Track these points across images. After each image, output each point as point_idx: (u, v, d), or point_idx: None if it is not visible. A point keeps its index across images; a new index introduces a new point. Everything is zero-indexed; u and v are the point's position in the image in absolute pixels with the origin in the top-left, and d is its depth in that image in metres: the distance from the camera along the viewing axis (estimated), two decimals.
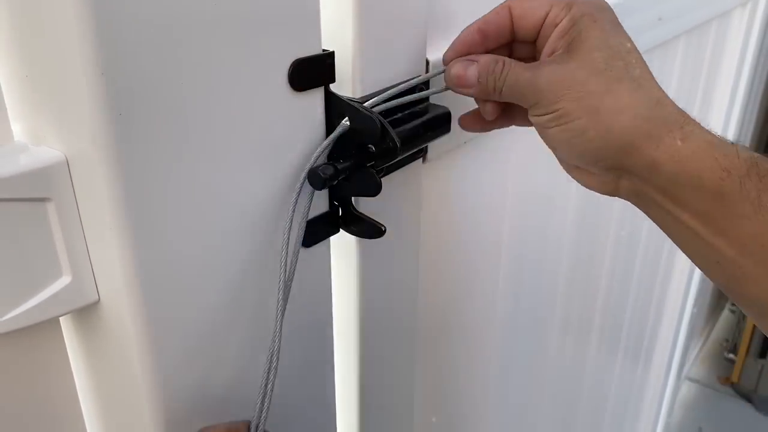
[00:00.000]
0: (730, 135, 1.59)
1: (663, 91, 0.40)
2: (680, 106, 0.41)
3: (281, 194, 0.39)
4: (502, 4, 0.43)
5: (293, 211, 0.38)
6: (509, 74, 0.40)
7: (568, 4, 0.40)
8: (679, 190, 0.38)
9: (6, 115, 0.32)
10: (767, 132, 2.45)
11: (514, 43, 0.44)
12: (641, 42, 0.38)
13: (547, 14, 0.41)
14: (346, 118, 0.39)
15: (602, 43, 0.39)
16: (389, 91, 0.42)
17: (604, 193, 0.42)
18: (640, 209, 0.42)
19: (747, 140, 1.89)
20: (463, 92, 0.42)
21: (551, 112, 0.39)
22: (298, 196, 0.38)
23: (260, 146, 0.36)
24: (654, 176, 0.38)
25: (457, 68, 0.42)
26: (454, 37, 0.43)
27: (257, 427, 0.36)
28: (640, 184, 0.39)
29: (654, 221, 0.42)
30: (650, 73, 0.40)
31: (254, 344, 0.40)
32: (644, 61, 0.40)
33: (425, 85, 0.48)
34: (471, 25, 0.43)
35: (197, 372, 0.37)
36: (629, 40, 0.41)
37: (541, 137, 0.42)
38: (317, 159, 0.39)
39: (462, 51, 0.43)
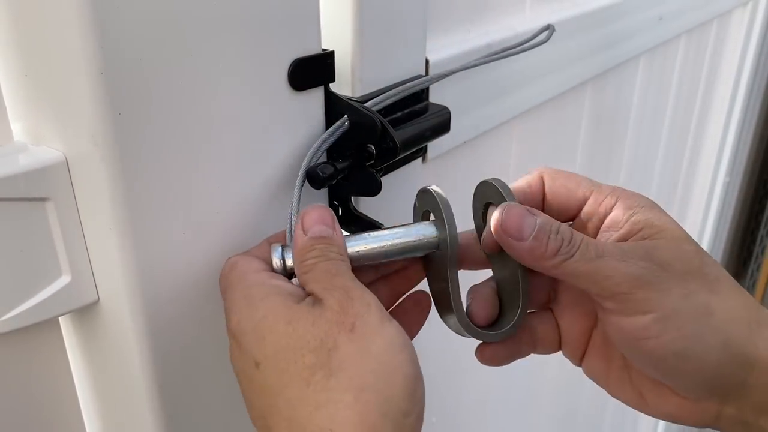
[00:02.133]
0: (731, 135, 1.59)
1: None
2: (681, 106, 0.39)
3: (281, 194, 0.39)
4: (536, 170, 0.38)
5: (297, 209, 0.38)
6: (585, 242, 0.32)
7: (612, 191, 0.35)
8: None
9: (6, 115, 0.32)
10: (767, 132, 2.45)
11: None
12: (642, 42, 0.38)
13: (591, 193, 0.36)
14: (346, 116, 0.39)
15: (684, 234, 0.33)
16: (389, 92, 0.42)
17: (692, 424, 0.34)
18: None
19: (747, 140, 1.89)
20: (508, 244, 0.33)
21: (649, 313, 0.31)
22: (300, 194, 0.38)
23: (260, 146, 0.36)
24: None
25: (515, 212, 0.33)
26: (451, 37, 0.43)
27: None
28: (752, 413, 0.32)
29: None
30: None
31: None
32: None
33: None
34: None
35: (196, 372, 0.37)
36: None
37: (627, 349, 0.33)
38: (317, 152, 0.39)
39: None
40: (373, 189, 0.40)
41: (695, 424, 0.34)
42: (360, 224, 0.43)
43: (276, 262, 0.34)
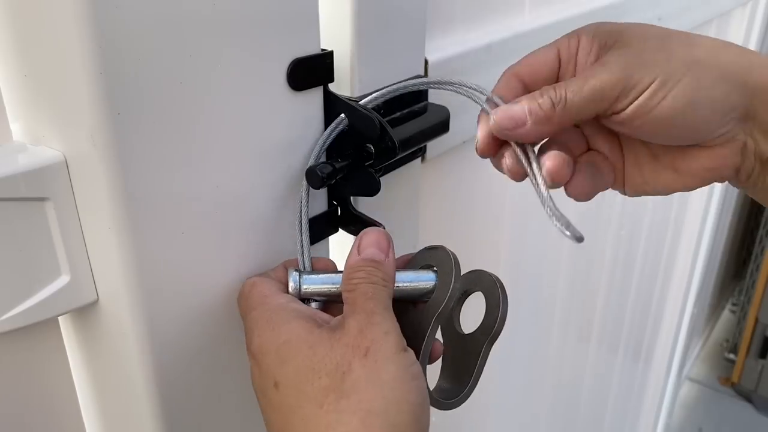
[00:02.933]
0: None
1: None
2: None
3: (280, 194, 0.39)
4: (502, 75, 0.39)
5: (306, 206, 0.38)
6: (567, 86, 0.35)
7: (574, 33, 0.38)
8: None
9: (5, 115, 0.32)
10: None
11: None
12: None
13: (558, 54, 0.38)
14: (342, 114, 0.39)
15: (643, 25, 0.36)
16: (387, 88, 0.42)
17: (727, 175, 0.37)
18: (755, 193, 0.38)
19: None
20: (517, 134, 0.36)
21: (651, 83, 0.33)
22: (308, 193, 0.38)
23: (259, 146, 0.36)
24: None
25: (502, 111, 0.36)
26: (451, 37, 0.43)
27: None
28: (765, 141, 0.35)
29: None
30: None
31: None
32: None
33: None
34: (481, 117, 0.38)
35: (196, 372, 0.37)
36: None
37: (640, 131, 0.35)
38: (319, 153, 0.39)
39: (486, 144, 0.38)
40: (372, 189, 0.40)
41: (729, 171, 0.37)
42: (359, 224, 0.43)
43: (292, 286, 0.36)
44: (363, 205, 0.45)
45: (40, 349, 0.36)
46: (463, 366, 0.38)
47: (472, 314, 0.40)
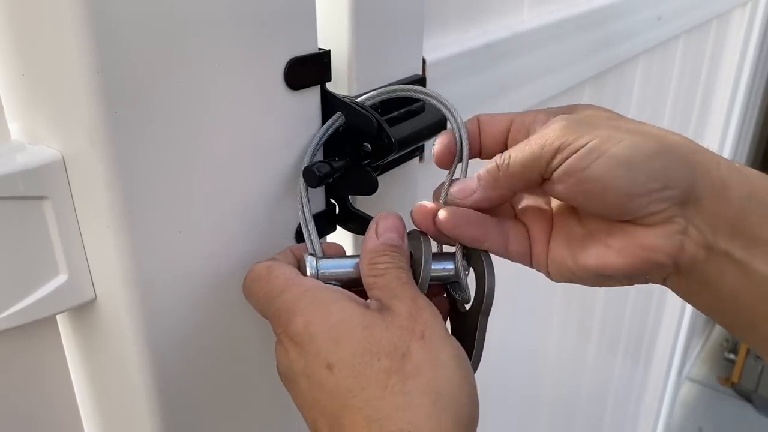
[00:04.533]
0: (731, 135, 1.59)
1: None
2: (680, 106, 0.40)
3: (278, 192, 0.39)
4: (471, 117, 0.40)
5: (308, 205, 0.38)
6: (512, 149, 0.35)
7: (533, 111, 0.38)
8: (756, 223, 0.33)
9: (3, 114, 0.32)
10: (767, 132, 2.45)
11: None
12: (641, 42, 0.38)
13: (511, 122, 0.38)
14: (339, 113, 0.39)
15: (599, 108, 0.37)
16: (384, 88, 0.42)
17: (665, 260, 0.34)
18: (700, 293, 0.35)
19: (747, 141, 1.89)
20: (470, 202, 0.37)
21: (588, 142, 0.32)
22: (307, 192, 0.38)
23: (256, 144, 0.36)
24: (726, 207, 0.33)
25: (457, 184, 0.37)
26: (449, 37, 0.43)
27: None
28: (710, 232, 0.33)
29: (719, 308, 0.36)
30: None
31: (252, 343, 0.41)
32: None
33: (422, 83, 0.48)
34: (446, 131, 0.39)
35: (194, 370, 0.38)
36: None
37: (575, 195, 0.34)
38: (315, 149, 0.39)
39: (443, 153, 0.39)
40: (370, 188, 0.40)
41: (669, 256, 0.34)
42: (357, 222, 0.43)
43: (310, 271, 0.35)
44: (361, 203, 0.45)
45: (37, 348, 0.36)
46: (464, 344, 0.39)
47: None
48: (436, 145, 0.39)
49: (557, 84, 0.72)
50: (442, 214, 0.36)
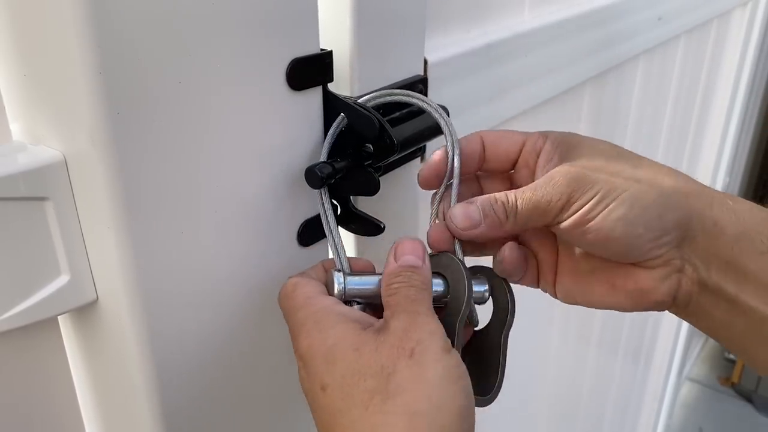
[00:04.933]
0: (731, 135, 1.59)
1: None
2: (680, 106, 0.41)
3: (280, 193, 0.39)
4: (473, 133, 0.41)
5: (333, 219, 0.39)
6: (518, 196, 0.36)
7: (543, 133, 0.39)
8: (746, 260, 0.35)
9: (4, 115, 0.32)
10: (767, 132, 2.45)
11: (481, 177, 0.42)
12: (641, 42, 0.38)
13: (524, 143, 0.40)
14: (342, 114, 0.39)
15: (599, 143, 0.38)
16: (386, 92, 0.42)
17: (664, 298, 0.37)
18: (697, 320, 0.38)
19: (747, 140, 1.89)
20: (470, 235, 0.37)
21: (591, 198, 0.35)
22: (331, 205, 0.39)
23: (258, 145, 0.36)
24: (718, 245, 0.36)
25: (459, 210, 0.37)
26: (450, 37, 0.43)
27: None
28: (704, 268, 0.36)
29: (714, 333, 0.38)
30: None
31: (253, 342, 0.41)
32: None
33: (423, 83, 0.48)
34: (440, 149, 0.40)
35: (195, 370, 0.38)
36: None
37: (580, 242, 0.37)
38: (327, 153, 0.40)
39: (431, 176, 0.40)
40: (371, 188, 0.40)
41: (665, 295, 0.37)
42: (359, 222, 0.43)
43: (337, 288, 0.36)
44: (363, 204, 0.45)
45: (39, 349, 0.36)
46: (485, 360, 0.39)
47: (480, 309, 0.40)
48: (424, 167, 0.40)
49: (558, 84, 0.72)
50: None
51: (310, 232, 0.42)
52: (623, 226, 0.35)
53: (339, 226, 0.44)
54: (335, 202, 0.43)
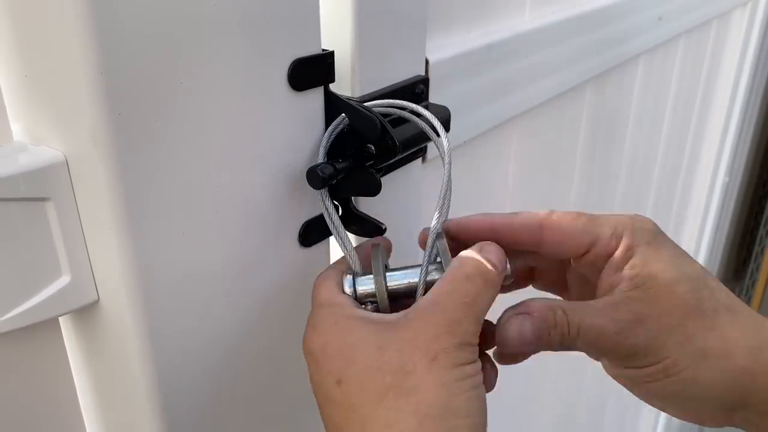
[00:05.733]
0: (731, 135, 1.59)
1: (749, 307, 0.36)
2: (680, 106, 0.40)
3: (281, 194, 0.39)
4: (533, 216, 0.38)
5: (339, 223, 0.39)
6: (581, 324, 0.35)
7: (615, 231, 0.36)
8: None
9: (5, 115, 0.32)
10: (767, 132, 2.45)
11: (534, 254, 0.39)
12: (642, 42, 0.38)
13: (593, 243, 0.37)
14: (344, 115, 0.39)
15: (678, 274, 0.35)
16: (387, 102, 0.42)
17: (712, 427, 0.38)
18: None
19: (747, 140, 1.89)
20: (516, 351, 0.35)
21: (655, 363, 0.34)
22: (336, 209, 0.39)
23: (259, 145, 0.36)
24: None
25: (513, 327, 0.35)
26: (451, 38, 0.43)
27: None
28: (757, 417, 0.35)
29: None
30: (729, 290, 0.36)
31: (255, 343, 0.40)
32: (717, 279, 0.36)
33: (424, 83, 0.48)
34: (483, 217, 0.39)
35: (196, 371, 0.37)
36: (693, 259, 0.37)
37: (636, 390, 0.37)
38: (325, 153, 0.39)
39: (465, 235, 0.38)
40: (373, 189, 0.40)
41: (712, 426, 0.37)
42: (360, 223, 0.43)
43: (348, 290, 0.37)
44: (364, 205, 0.45)
45: (40, 350, 0.36)
46: None
47: None
48: (420, 234, 0.39)
49: (559, 84, 0.72)
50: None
51: (312, 233, 0.42)
52: (680, 399, 0.35)
53: None
54: (336, 202, 0.43)
